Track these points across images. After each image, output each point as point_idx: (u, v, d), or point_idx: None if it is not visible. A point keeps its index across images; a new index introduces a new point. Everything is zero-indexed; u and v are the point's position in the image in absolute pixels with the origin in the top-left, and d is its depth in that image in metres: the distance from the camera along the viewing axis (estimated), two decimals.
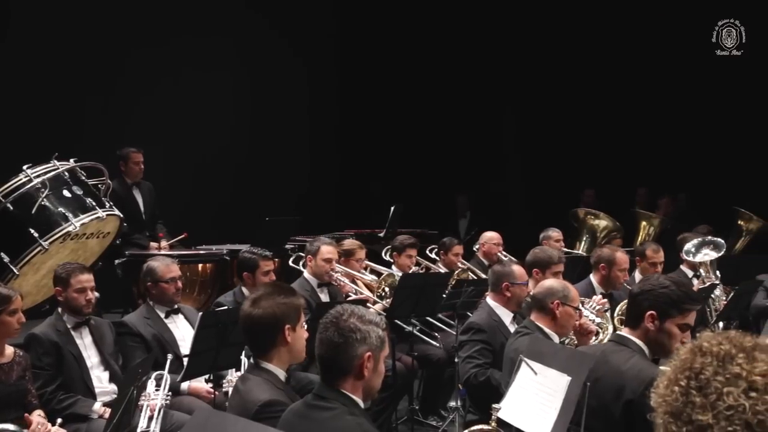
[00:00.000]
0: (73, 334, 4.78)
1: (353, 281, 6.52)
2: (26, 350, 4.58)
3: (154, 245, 7.48)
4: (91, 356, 4.79)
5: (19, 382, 4.31)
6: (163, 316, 5.23)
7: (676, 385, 1.88)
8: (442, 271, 7.38)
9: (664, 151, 11.09)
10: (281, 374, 3.23)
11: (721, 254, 7.17)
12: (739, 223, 9.40)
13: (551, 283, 4.63)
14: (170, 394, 4.42)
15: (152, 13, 9.38)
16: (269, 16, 10.62)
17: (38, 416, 4.27)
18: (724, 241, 7.34)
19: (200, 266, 7.22)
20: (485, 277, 6.11)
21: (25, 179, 5.62)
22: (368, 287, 6.58)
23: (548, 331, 4.44)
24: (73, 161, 5.87)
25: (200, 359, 4.50)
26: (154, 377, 4.39)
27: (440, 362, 6.50)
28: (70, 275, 4.78)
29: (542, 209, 11.00)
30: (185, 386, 4.91)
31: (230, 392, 3.86)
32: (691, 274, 7.17)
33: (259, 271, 5.70)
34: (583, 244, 9.12)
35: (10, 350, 4.37)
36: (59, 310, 4.85)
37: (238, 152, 10.25)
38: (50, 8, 8.57)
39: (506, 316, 5.19)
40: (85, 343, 4.81)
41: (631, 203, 10.86)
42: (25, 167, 5.67)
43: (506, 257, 7.65)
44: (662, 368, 3.50)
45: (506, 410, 3.56)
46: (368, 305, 6.12)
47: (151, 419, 4.25)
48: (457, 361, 5.42)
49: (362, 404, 2.78)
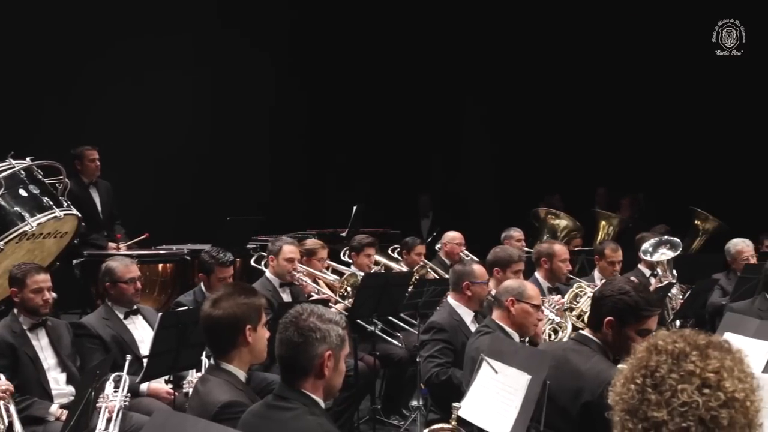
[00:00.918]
0: (29, 335, 4.70)
1: (315, 281, 6.51)
2: None
3: (112, 246, 7.39)
4: (47, 358, 4.72)
5: None
6: (122, 316, 5.17)
7: (632, 383, 1.91)
8: (404, 270, 7.39)
9: (623, 151, 11.21)
10: (241, 375, 3.22)
11: (677, 253, 7.30)
12: (695, 222, 9.56)
13: (509, 282, 4.68)
14: (129, 395, 4.37)
15: (111, 11, 9.26)
16: (230, 14, 10.55)
17: None
18: (680, 240, 7.47)
19: (160, 266, 7.15)
20: (447, 276, 6.13)
21: None
22: (330, 287, 6.57)
23: (509, 329, 4.48)
24: (29, 160, 5.76)
25: (160, 360, 4.46)
26: (112, 378, 4.33)
27: (402, 362, 6.51)
28: (26, 275, 4.71)
29: (504, 209, 11.08)
30: (144, 387, 4.85)
31: (190, 393, 3.82)
32: (648, 273, 7.28)
33: (213, 276, 5.65)
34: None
35: None
36: (15, 311, 4.77)
37: (198, 151, 10.17)
38: (7, 5, 8.41)
39: (467, 315, 5.22)
40: (41, 344, 4.73)
41: (591, 203, 10.98)
42: None
43: (468, 257, 7.69)
44: (620, 366, 3.57)
45: (467, 409, 3.58)
46: (330, 305, 6.12)
47: (109, 421, 4.19)
48: (418, 360, 5.44)
49: (323, 404, 2.78)
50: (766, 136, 10.40)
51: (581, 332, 3.64)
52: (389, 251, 7.92)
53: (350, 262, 7.26)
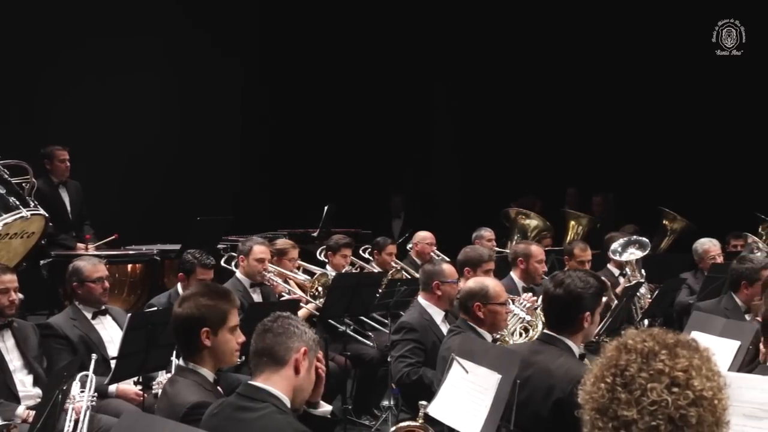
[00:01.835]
0: None
1: (286, 281, 6.49)
2: None
3: (81, 246, 7.31)
4: (13, 360, 4.64)
5: None
6: (89, 317, 5.11)
7: (602, 382, 1.92)
8: (375, 270, 7.39)
9: (594, 151, 11.30)
10: (210, 376, 3.20)
11: (646, 253, 7.37)
12: (663, 222, 9.66)
13: (470, 285, 4.67)
14: (96, 395, 4.32)
15: (79, 10, 9.16)
16: (198, 15, 10.48)
17: None
18: (649, 240, 7.55)
19: (129, 267, 7.08)
20: (418, 276, 6.14)
21: None
22: (301, 287, 6.55)
23: (480, 330, 4.50)
24: None
25: (129, 361, 4.42)
26: (78, 378, 4.28)
27: (373, 361, 6.51)
28: None
29: (475, 209, 11.12)
30: (113, 389, 4.80)
31: (159, 394, 3.79)
32: (617, 272, 7.35)
33: (194, 277, 5.61)
34: (514, 243, 9.25)
35: None
36: None
37: (168, 151, 10.10)
38: None
39: (437, 314, 5.23)
40: (7, 346, 4.66)
41: (561, 203, 11.06)
42: None
43: (439, 257, 7.70)
44: (586, 363, 3.63)
45: (438, 409, 3.59)
46: (301, 304, 6.11)
47: (76, 422, 4.14)
48: (389, 360, 5.44)
49: (289, 404, 2.77)
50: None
51: (546, 332, 3.67)
52: (360, 251, 7.92)
53: (326, 261, 7.25)
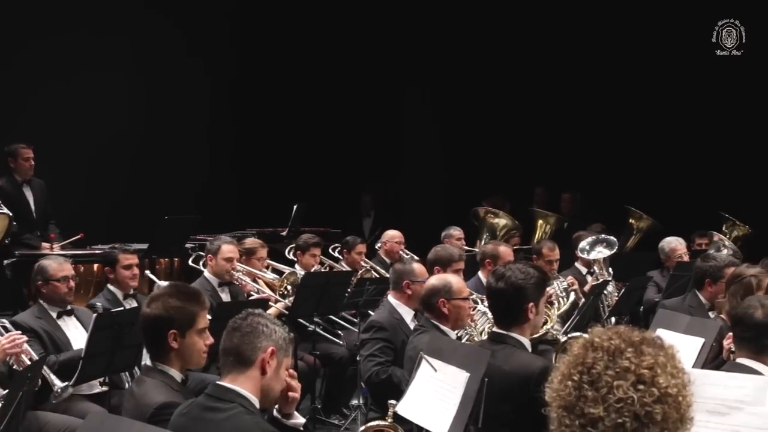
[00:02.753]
0: None
1: (255, 280, 6.46)
2: None
3: (45, 246, 7.22)
4: None
5: None
6: (54, 316, 5.05)
7: (569, 379, 1.94)
8: (344, 269, 7.39)
9: (561, 150, 11.38)
10: (177, 376, 3.18)
11: (613, 252, 7.44)
12: (630, 221, 9.75)
13: (432, 281, 4.69)
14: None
15: (43, 6, 9.05)
16: (166, 12, 10.39)
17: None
18: (616, 239, 7.63)
19: (95, 266, 7.00)
20: (387, 275, 6.15)
21: None
22: (270, 286, 6.53)
23: (444, 327, 4.52)
24: None
25: (95, 362, 4.37)
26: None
27: (343, 361, 6.51)
28: None
29: (445, 208, 11.15)
30: None
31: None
32: (585, 271, 7.41)
33: (119, 265, 5.55)
34: (483, 242, 9.28)
35: None
36: None
37: (134, 150, 10.00)
38: None
39: (407, 313, 5.23)
40: None
41: (529, 202, 11.12)
42: None
43: (408, 255, 7.72)
44: (539, 357, 3.65)
45: (407, 407, 3.59)
46: (270, 303, 6.08)
47: None
48: (359, 359, 5.44)
49: (258, 405, 2.76)
50: (716, 136, 10.43)
51: (494, 331, 3.70)
52: (330, 250, 7.91)
53: (295, 261, 7.23)
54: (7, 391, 3.77)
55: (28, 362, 4.20)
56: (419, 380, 3.63)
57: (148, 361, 3.25)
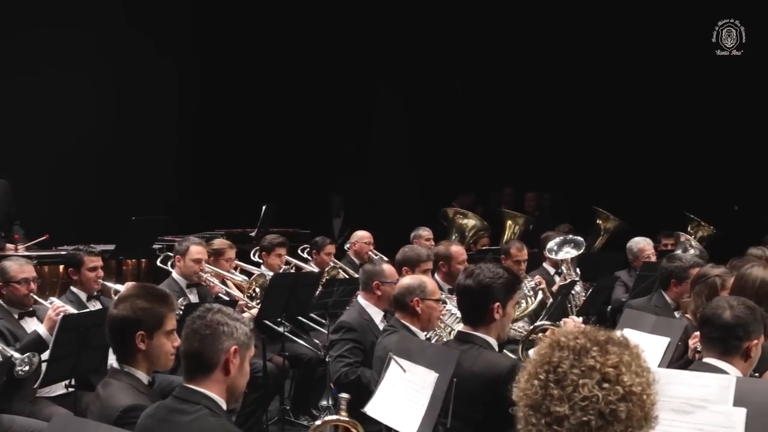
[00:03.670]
0: None
1: (223, 282, 6.42)
2: None
3: (10, 247, 7.11)
4: None
5: None
6: (16, 317, 4.98)
7: (535, 378, 1.95)
8: (313, 270, 7.37)
9: (530, 151, 11.45)
10: (144, 378, 3.15)
11: (581, 252, 7.51)
12: (597, 222, 9.84)
13: (408, 281, 4.71)
14: None
15: (8, 3, 8.91)
16: (132, 11, 10.30)
17: None
18: (583, 239, 7.69)
19: (60, 268, 6.91)
20: (357, 276, 6.15)
21: None
22: (238, 288, 6.49)
23: (413, 327, 4.53)
24: None
25: (60, 364, 4.32)
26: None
27: (312, 362, 6.49)
28: None
29: (414, 208, 11.17)
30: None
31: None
32: (553, 271, 7.46)
33: (84, 267, 5.49)
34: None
35: None
36: None
37: (100, 150, 9.88)
38: None
39: (377, 314, 5.23)
40: None
41: (497, 202, 11.18)
42: None
43: (377, 256, 7.72)
44: (509, 354, 3.69)
45: (376, 408, 3.60)
46: (242, 305, 6.05)
47: None
48: (328, 360, 5.43)
49: (225, 406, 2.74)
50: (687, 137, 10.52)
51: (461, 330, 3.72)
52: (299, 251, 7.89)
53: (261, 262, 7.19)
54: None
55: None
56: (388, 381, 3.63)
57: (114, 362, 3.21)
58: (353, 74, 11.89)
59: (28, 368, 4.29)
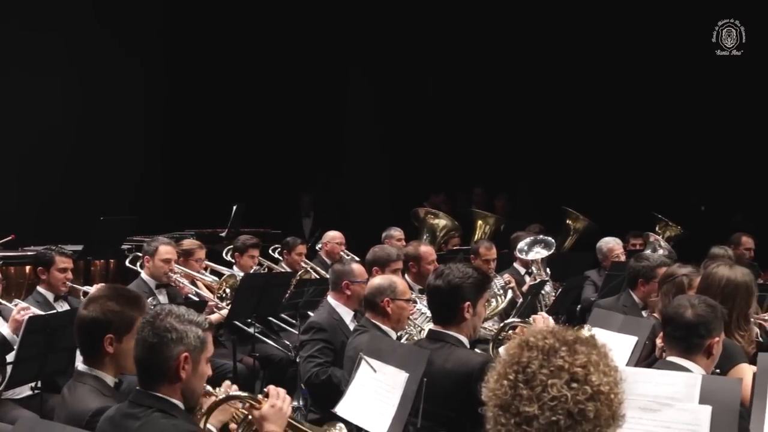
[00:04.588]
0: None
1: (193, 282, 6.37)
2: None
3: None
4: None
5: None
6: None
7: (505, 379, 1.96)
8: (284, 271, 7.35)
9: (500, 151, 11.51)
10: (110, 380, 3.11)
11: (551, 252, 7.56)
12: (567, 222, 9.91)
13: (378, 281, 4.72)
14: None
15: None
16: (100, 10, 10.20)
17: None
18: (553, 239, 7.74)
19: (27, 268, 6.83)
20: (328, 276, 6.13)
21: None
22: (208, 288, 6.45)
23: (384, 327, 4.54)
24: None
25: (26, 366, 4.26)
26: None
27: (282, 362, 6.48)
28: None
29: (386, 208, 11.18)
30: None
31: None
32: (523, 271, 7.50)
33: (54, 267, 5.42)
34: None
35: None
36: None
37: (67, 149, 9.80)
38: None
39: (347, 314, 5.23)
40: None
41: (468, 202, 11.22)
42: None
43: (349, 256, 7.71)
44: (478, 352, 3.71)
45: (346, 408, 3.59)
46: (215, 310, 6.01)
47: None
48: (298, 360, 5.41)
49: (182, 406, 2.72)
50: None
51: (432, 329, 3.73)
52: (270, 251, 7.85)
53: (233, 262, 7.15)
54: None
55: None
56: (358, 381, 3.63)
57: (80, 365, 3.16)
58: (325, 74, 11.87)
59: None
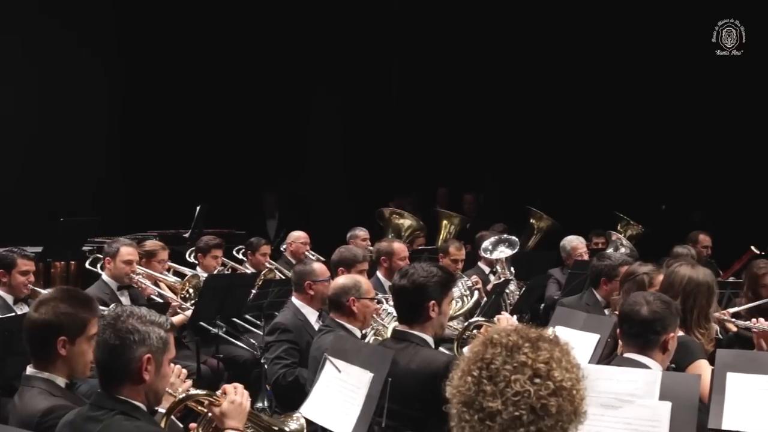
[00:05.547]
0: None
1: (156, 283, 6.31)
2: None
3: None
4: None
5: None
6: None
7: (469, 375, 1.98)
8: (248, 271, 7.31)
9: (463, 151, 11.55)
10: (60, 381, 3.07)
11: (515, 251, 7.61)
12: (531, 221, 9.98)
13: (342, 280, 4.72)
14: None
15: None
16: (58, 12, 10.06)
17: None
18: (517, 238, 7.80)
19: None
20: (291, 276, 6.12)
21: None
22: (171, 289, 6.39)
23: (349, 326, 4.53)
24: None
25: None
26: None
27: (247, 363, 6.44)
28: None
29: (350, 209, 11.16)
30: None
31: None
32: (488, 270, 7.55)
33: (15, 269, 5.34)
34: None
35: None
36: None
37: (25, 148, 9.63)
38: None
39: (311, 314, 5.23)
40: None
41: (432, 202, 11.25)
42: None
43: (314, 256, 7.69)
44: (445, 350, 3.72)
45: (311, 409, 3.58)
46: (178, 311, 5.95)
47: None
48: (263, 362, 5.38)
49: (145, 408, 2.69)
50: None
51: (397, 329, 3.74)
52: (234, 252, 7.81)
53: (196, 263, 7.10)
54: None
55: None
56: (323, 381, 3.62)
57: (29, 368, 3.11)
58: (288, 74, 11.82)
59: None
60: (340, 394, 3.50)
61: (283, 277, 7.19)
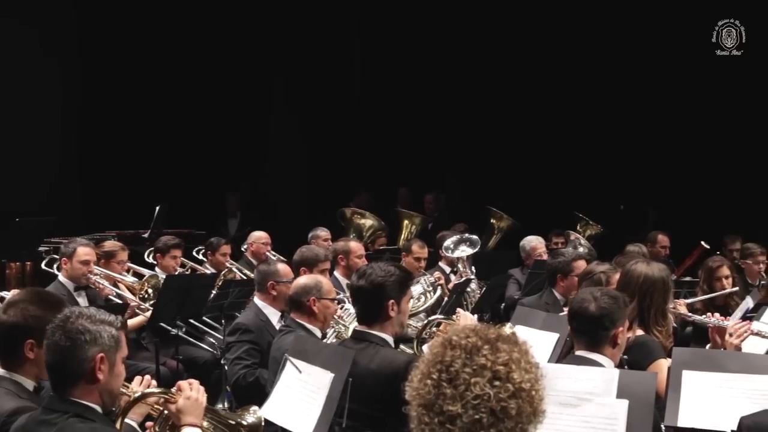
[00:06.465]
0: None
1: (115, 284, 6.24)
2: None
3: None
4: None
5: None
6: None
7: (428, 378, 1.98)
8: (208, 272, 7.25)
9: (424, 151, 11.59)
10: (29, 384, 3.04)
11: (476, 250, 7.65)
12: (491, 221, 10.04)
13: (303, 280, 4.72)
14: None
15: None
16: (15, 10, 9.89)
17: None
18: (478, 238, 7.85)
19: None
20: (253, 276, 6.08)
21: None
22: (130, 290, 6.32)
23: (310, 327, 4.53)
24: None
25: None
26: None
27: (207, 364, 6.39)
28: None
29: (312, 209, 11.13)
30: None
31: None
32: (449, 269, 7.58)
33: None
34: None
35: None
36: None
37: None
38: None
39: (273, 315, 5.21)
40: None
41: (393, 203, 11.27)
42: None
43: (275, 257, 7.66)
44: (406, 350, 3.73)
45: (271, 410, 3.57)
46: (137, 311, 5.89)
47: None
48: (223, 362, 5.35)
49: (101, 409, 2.67)
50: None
51: (356, 329, 3.75)
52: (194, 252, 7.74)
53: (155, 263, 7.03)
54: None
55: None
56: (283, 382, 3.61)
57: None
58: (248, 73, 11.74)
59: None
60: (300, 394, 3.50)
61: (243, 277, 7.15)
